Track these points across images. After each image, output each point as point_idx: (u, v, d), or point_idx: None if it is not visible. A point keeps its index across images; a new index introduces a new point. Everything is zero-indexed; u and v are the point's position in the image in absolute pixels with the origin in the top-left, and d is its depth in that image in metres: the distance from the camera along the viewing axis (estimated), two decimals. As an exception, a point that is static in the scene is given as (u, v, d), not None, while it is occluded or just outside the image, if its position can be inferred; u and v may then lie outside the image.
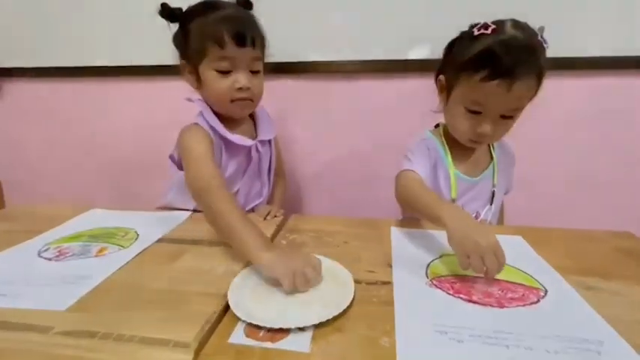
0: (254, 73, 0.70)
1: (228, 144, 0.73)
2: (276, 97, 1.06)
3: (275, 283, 0.45)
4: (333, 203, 1.14)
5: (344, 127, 1.08)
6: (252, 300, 0.43)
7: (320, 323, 0.38)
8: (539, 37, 0.56)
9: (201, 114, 0.71)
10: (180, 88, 0.75)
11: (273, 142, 0.84)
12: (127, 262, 0.53)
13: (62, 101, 1.18)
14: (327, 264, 0.50)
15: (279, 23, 0.98)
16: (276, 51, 0.99)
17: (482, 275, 0.46)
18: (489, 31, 0.57)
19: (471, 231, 0.46)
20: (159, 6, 0.67)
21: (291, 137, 1.11)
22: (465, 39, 0.61)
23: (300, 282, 0.44)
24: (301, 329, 0.38)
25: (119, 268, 0.51)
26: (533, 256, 0.55)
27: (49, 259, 0.54)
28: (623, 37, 0.90)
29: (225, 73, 0.67)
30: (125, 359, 0.34)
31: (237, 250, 0.52)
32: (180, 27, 0.69)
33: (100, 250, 0.56)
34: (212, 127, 0.70)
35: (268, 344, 0.36)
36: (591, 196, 1.04)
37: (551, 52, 0.86)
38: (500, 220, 0.83)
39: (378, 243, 0.60)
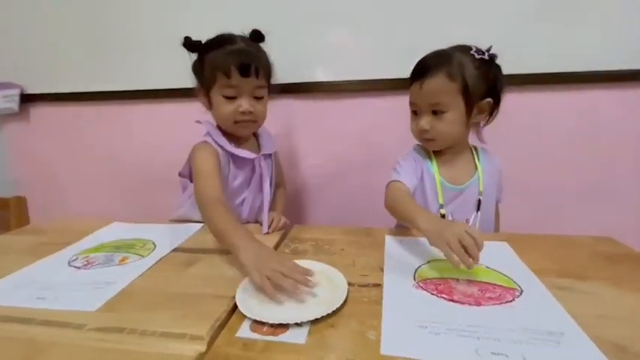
0: (257, 98, 0.79)
1: (234, 158, 0.82)
2: (282, 114, 1.14)
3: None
4: (333, 213, 1.20)
5: (344, 142, 1.15)
6: (257, 300, 0.48)
7: (316, 320, 0.43)
8: (472, 52, 0.68)
9: (208, 133, 0.81)
10: (193, 110, 0.83)
11: (273, 157, 0.92)
12: (147, 270, 0.59)
13: (84, 123, 1.28)
14: (324, 269, 0.56)
15: (283, 47, 1.07)
16: (281, 72, 1.08)
17: (467, 265, 0.50)
18: None
19: (443, 226, 0.54)
20: (182, 38, 0.78)
21: (295, 152, 1.18)
22: None
23: (282, 282, 0.47)
24: (299, 325, 0.43)
25: (140, 275, 0.57)
26: (515, 260, 0.60)
27: (78, 268, 0.61)
28: (615, 52, 0.95)
29: (231, 98, 0.77)
30: (149, 350, 0.40)
31: (229, 250, 0.58)
32: (198, 57, 0.79)
33: (122, 260, 0.63)
34: (220, 145, 0.80)
35: (270, 337, 0.42)
36: (584, 205, 1.08)
37: (541, 68, 0.93)
38: (497, 228, 0.88)
39: (373, 250, 0.65)
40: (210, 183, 0.72)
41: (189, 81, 0.82)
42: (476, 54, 0.69)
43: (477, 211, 0.76)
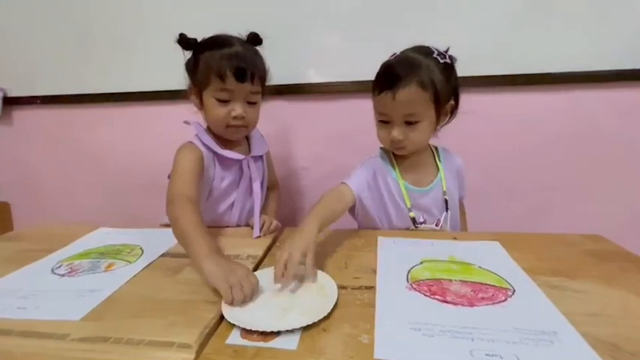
0: (251, 103, 0.78)
1: (221, 159, 0.81)
2: (274, 116, 1.13)
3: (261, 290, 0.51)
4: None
5: (335, 144, 1.14)
6: (245, 308, 0.47)
7: (308, 324, 0.42)
8: (436, 56, 0.68)
9: (196, 135, 0.79)
10: (181, 112, 0.81)
11: (265, 159, 0.91)
12: (134, 276, 0.57)
13: (69, 126, 1.25)
14: (317, 275, 0.54)
15: (275, 48, 1.07)
16: (273, 73, 1.07)
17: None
18: (392, 56, 0.71)
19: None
20: (177, 35, 0.75)
21: (287, 154, 1.17)
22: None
23: (237, 294, 0.47)
24: (290, 331, 0.42)
25: (126, 282, 0.56)
26: (507, 260, 0.60)
27: (62, 275, 0.58)
28: (601, 52, 0.97)
29: (224, 101, 0.75)
30: (135, 359, 0.39)
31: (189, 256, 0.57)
32: (192, 55, 0.77)
33: (109, 266, 0.61)
34: (206, 145, 0.78)
35: (261, 344, 0.40)
36: (570, 203, 1.09)
37: (528, 68, 0.94)
38: (463, 224, 0.89)
39: (365, 251, 0.65)
40: (183, 180, 0.71)
41: (177, 83, 0.81)
42: (439, 58, 0.68)
43: (447, 211, 0.77)
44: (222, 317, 0.46)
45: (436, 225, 0.77)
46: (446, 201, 0.78)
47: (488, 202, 1.09)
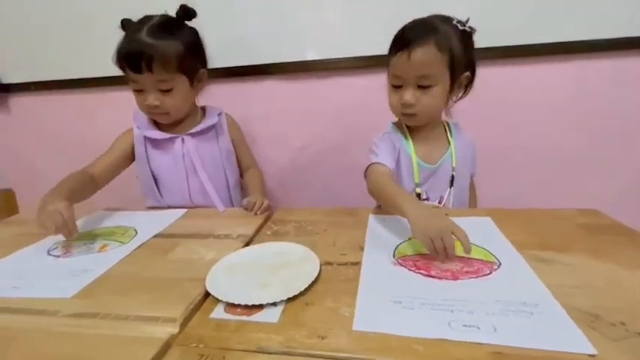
0: (165, 91, 0.76)
1: (150, 139, 0.83)
2: (261, 96, 1.11)
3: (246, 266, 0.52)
4: (318, 194, 1.19)
5: (327, 122, 1.12)
6: (229, 283, 0.48)
7: (291, 299, 0.43)
8: (455, 23, 0.66)
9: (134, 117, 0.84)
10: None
11: (225, 139, 0.89)
12: (126, 256, 0.59)
13: (65, 112, 1.25)
14: (301, 251, 0.55)
15: (259, 26, 1.04)
16: (257, 53, 1.05)
17: (441, 262, 0.51)
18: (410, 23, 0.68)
19: (430, 218, 0.52)
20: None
21: (283, 133, 1.16)
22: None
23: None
24: (274, 305, 0.43)
25: (119, 261, 0.57)
26: (497, 235, 0.59)
27: (57, 257, 0.60)
28: (598, 21, 0.92)
29: (139, 91, 0.76)
30: (122, 333, 0.40)
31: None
32: None
33: (102, 247, 0.63)
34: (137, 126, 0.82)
35: (244, 317, 0.41)
36: (570, 178, 1.07)
37: (521, 39, 0.89)
38: (473, 201, 0.88)
39: (355, 229, 0.65)
40: (98, 158, 0.81)
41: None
42: (459, 25, 0.66)
43: (451, 187, 0.76)
44: (208, 293, 0.47)
45: (439, 202, 0.76)
46: (452, 177, 0.76)
47: (485, 178, 1.07)
